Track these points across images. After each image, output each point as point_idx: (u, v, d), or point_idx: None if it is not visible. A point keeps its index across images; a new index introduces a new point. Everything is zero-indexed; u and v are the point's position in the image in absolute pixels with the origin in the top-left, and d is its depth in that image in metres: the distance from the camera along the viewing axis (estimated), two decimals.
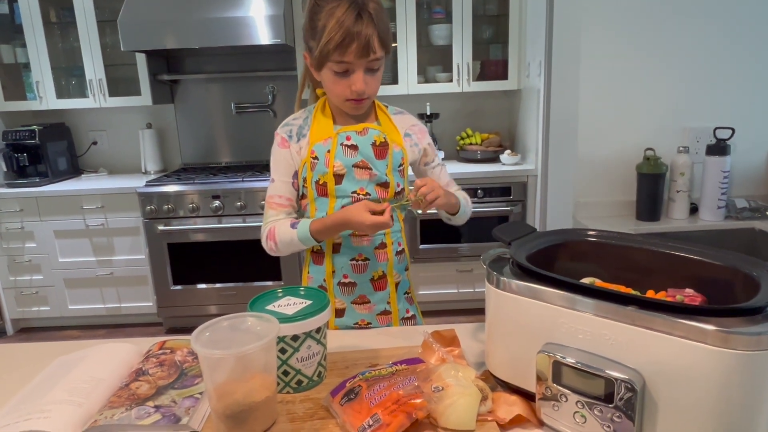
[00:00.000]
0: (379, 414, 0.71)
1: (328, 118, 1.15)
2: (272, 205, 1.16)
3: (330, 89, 1.10)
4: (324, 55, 1.01)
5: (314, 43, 1.03)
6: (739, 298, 0.72)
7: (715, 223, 2.14)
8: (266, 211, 1.17)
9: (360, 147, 1.13)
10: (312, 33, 1.04)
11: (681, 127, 2.26)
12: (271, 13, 2.70)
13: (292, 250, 1.13)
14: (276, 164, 1.16)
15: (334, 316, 1.19)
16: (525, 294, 0.75)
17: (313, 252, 1.20)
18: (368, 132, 1.14)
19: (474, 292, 3.04)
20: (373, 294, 1.19)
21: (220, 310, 2.96)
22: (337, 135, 1.13)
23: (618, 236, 0.90)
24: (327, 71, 1.05)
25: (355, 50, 0.99)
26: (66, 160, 3.25)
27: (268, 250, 1.15)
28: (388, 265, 1.19)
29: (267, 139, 3.37)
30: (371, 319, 1.21)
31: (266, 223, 1.16)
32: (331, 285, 1.18)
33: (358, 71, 1.04)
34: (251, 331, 0.79)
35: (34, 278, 3.02)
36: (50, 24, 3.07)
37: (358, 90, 1.05)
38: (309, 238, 1.09)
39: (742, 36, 2.17)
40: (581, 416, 0.69)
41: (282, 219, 1.15)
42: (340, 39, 0.98)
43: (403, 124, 1.21)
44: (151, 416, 0.76)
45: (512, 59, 3.00)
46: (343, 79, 1.05)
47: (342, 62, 1.02)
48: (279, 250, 1.14)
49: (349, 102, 1.09)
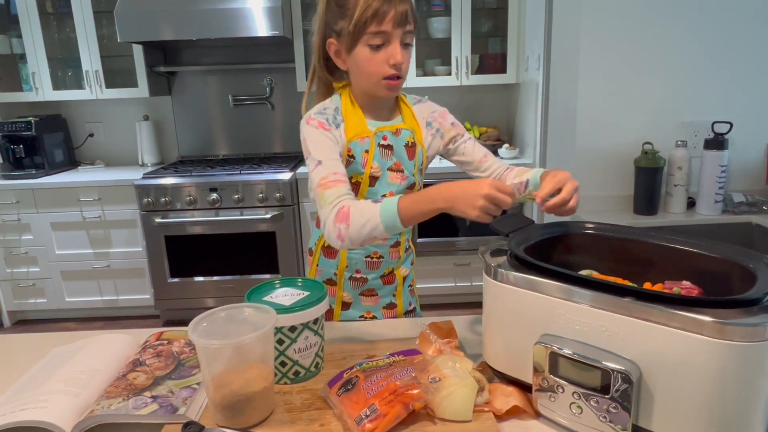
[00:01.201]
0: (376, 404, 0.71)
1: (360, 113, 1.08)
2: (328, 185, 0.97)
3: (364, 69, 1.02)
4: (360, 27, 0.96)
5: (344, 22, 0.98)
6: (736, 290, 0.72)
7: (712, 217, 2.14)
8: (322, 194, 0.97)
9: (395, 148, 1.10)
10: (340, 12, 0.99)
11: (679, 122, 2.26)
12: (270, 4, 2.68)
13: (363, 237, 0.91)
14: (319, 146, 1.01)
15: (340, 309, 1.19)
16: (522, 286, 0.75)
17: (324, 246, 1.17)
18: (401, 133, 1.11)
19: (471, 285, 3.04)
20: (382, 288, 1.20)
21: (217, 303, 2.95)
22: (374, 135, 1.08)
23: (615, 229, 0.90)
24: (361, 48, 0.99)
25: (393, 18, 0.96)
26: (62, 152, 3.24)
27: (335, 238, 0.93)
28: (398, 262, 1.21)
29: (265, 132, 3.39)
30: (377, 312, 1.21)
31: (331, 204, 0.95)
32: (342, 279, 1.18)
33: (395, 42, 0.98)
34: (249, 322, 0.79)
35: (31, 270, 3.01)
36: (46, 14, 3.04)
37: (398, 61, 0.99)
38: (394, 215, 0.89)
39: (740, 31, 2.17)
40: (577, 407, 0.69)
41: (351, 196, 0.97)
42: (378, 5, 0.95)
43: (423, 114, 1.16)
44: (148, 406, 0.76)
45: (511, 53, 2.99)
46: (379, 54, 0.99)
47: (379, 32, 0.97)
48: (349, 235, 0.91)
49: (385, 82, 1.01)
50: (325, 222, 0.95)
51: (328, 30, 1.04)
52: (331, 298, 1.18)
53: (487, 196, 0.82)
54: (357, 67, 1.02)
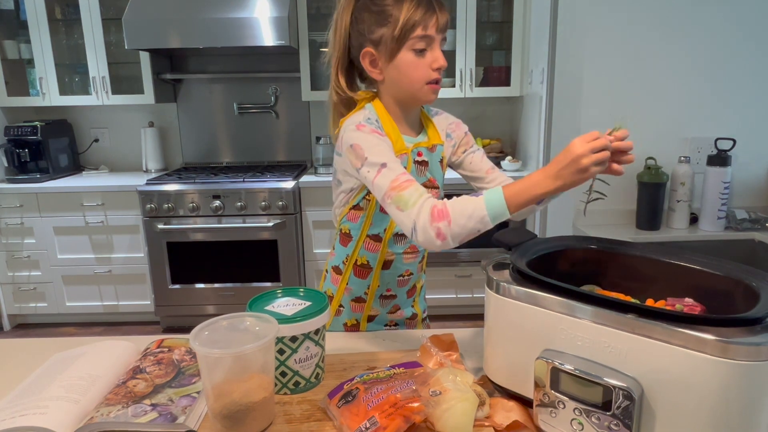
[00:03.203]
0: (376, 417, 0.71)
1: (396, 128, 1.06)
2: (403, 185, 0.91)
3: (408, 75, 1.01)
4: (406, 32, 0.97)
5: (386, 29, 0.99)
6: (739, 308, 0.72)
7: (715, 233, 2.14)
8: (399, 196, 0.90)
9: (430, 164, 1.10)
10: (380, 20, 0.99)
11: (682, 137, 2.26)
12: (276, 14, 2.70)
13: (466, 233, 0.87)
14: (378, 149, 0.96)
15: (366, 322, 1.20)
16: (525, 300, 0.75)
17: (356, 265, 1.14)
18: (437, 149, 1.11)
19: (472, 297, 3.04)
20: (405, 301, 1.21)
21: (217, 311, 2.95)
22: (411, 151, 1.07)
23: (619, 244, 0.90)
24: (405, 54, 0.99)
25: (436, 22, 0.98)
26: (67, 157, 3.25)
27: (434, 237, 0.87)
28: (420, 274, 1.23)
29: (269, 141, 3.40)
30: (400, 323, 1.23)
31: (416, 205, 0.89)
32: (372, 297, 1.17)
33: (436, 46, 1.00)
34: (250, 331, 0.79)
35: (33, 274, 3.01)
36: (55, 21, 3.07)
37: (442, 64, 1.00)
38: (502, 205, 0.86)
39: (744, 47, 2.18)
40: (578, 423, 0.69)
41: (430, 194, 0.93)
42: (425, 8, 0.97)
43: (442, 126, 1.16)
44: (147, 414, 0.76)
45: (515, 66, 3.01)
46: (423, 59, 1.00)
47: (425, 36, 0.98)
48: (451, 232, 0.87)
49: (429, 86, 1.02)
50: (415, 223, 0.88)
51: (361, 40, 1.02)
52: (356, 314, 1.18)
53: (585, 153, 0.83)
54: (399, 73, 1.01)
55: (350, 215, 1.11)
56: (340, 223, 1.14)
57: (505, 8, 3.08)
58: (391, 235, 1.11)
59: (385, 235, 1.11)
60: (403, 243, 1.13)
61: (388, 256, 1.13)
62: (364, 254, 1.12)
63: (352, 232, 1.12)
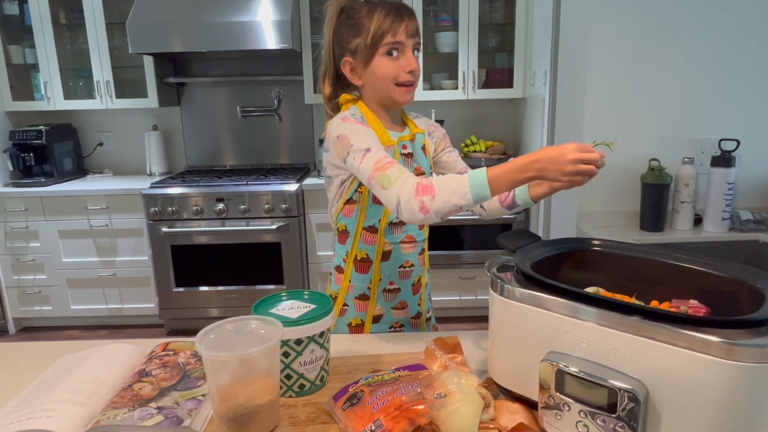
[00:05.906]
0: (381, 419, 0.71)
1: (380, 123, 1.13)
2: (386, 166, 0.96)
3: (383, 77, 1.08)
4: (377, 39, 1.06)
5: (360, 39, 1.08)
6: (744, 310, 0.71)
7: (719, 234, 2.13)
8: (383, 175, 0.95)
9: (414, 154, 1.17)
10: (354, 31, 1.09)
11: (686, 138, 2.26)
12: (279, 18, 2.71)
13: (448, 208, 0.90)
14: (363, 136, 1.02)
15: (371, 322, 1.20)
16: (529, 302, 0.75)
17: (356, 260, 1.17)
18: (416, 138, 1.18)
19: (476, 299, 3.03)
20: (411, 298, 1.22)
21: (221, 313, 2.96)
22: (397, 144, 1.13)
23: (623, 246, 0.90)
24: (379, 59, 1.08)
25: (405, 29, 1.07)
26: (72, 161, 3.27)
27: (417, 210, 0.91)
28: (423, 269, 1.23)
29: (272, 143, 3.41)
30: (406, 323, 1.23)
31: (398, 181, 0.94)
32: (376, 292, 1.19)
33: (408, 51, 1.09)
34: (255, 334, 0.79)
35: (37, 278, 3.02)
36: (59, 25, 3.09)
37: (414, 67, 1.09)
38: (484, 185, 0.88)
39: (747, 48, 2.18)
40: (584, 426, 0.69)
41: (412, 173, 0.98)
42: (393, 17, 1.06)
43: (423, 126, 1.25)
44: (153, 417, 0.76)
45: (518, 68, 3.01)
46: (396, 63, 1.08)
47: (396, 42, 1.07)
48: (434, 206, 0.90)
49: (402, 88, 1.09)
50: (398, 198, 0.92)
51: (341, 51, 1.12)
52: (361, 313, 1.19)
53: (575, 160, 0.85)
54: (374, 77, 1.10)
55: (345, 210, 1.15)
56: (337, 221, 1.18)
57: (507, 10, 3.08)
58: (387, 225, 1.15)
59: (380, 225, 1.14)
60: (399, 232, 1.16)
61: (386, 246, 1.16)
62: (363, 248, 1.16)
63: (349, 228, 1.16)
